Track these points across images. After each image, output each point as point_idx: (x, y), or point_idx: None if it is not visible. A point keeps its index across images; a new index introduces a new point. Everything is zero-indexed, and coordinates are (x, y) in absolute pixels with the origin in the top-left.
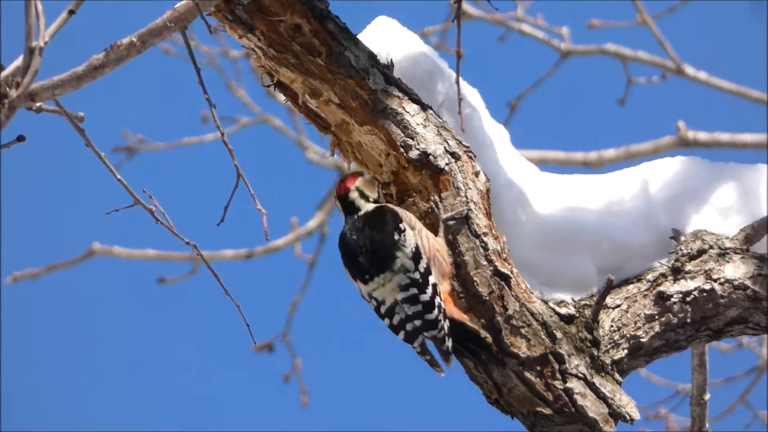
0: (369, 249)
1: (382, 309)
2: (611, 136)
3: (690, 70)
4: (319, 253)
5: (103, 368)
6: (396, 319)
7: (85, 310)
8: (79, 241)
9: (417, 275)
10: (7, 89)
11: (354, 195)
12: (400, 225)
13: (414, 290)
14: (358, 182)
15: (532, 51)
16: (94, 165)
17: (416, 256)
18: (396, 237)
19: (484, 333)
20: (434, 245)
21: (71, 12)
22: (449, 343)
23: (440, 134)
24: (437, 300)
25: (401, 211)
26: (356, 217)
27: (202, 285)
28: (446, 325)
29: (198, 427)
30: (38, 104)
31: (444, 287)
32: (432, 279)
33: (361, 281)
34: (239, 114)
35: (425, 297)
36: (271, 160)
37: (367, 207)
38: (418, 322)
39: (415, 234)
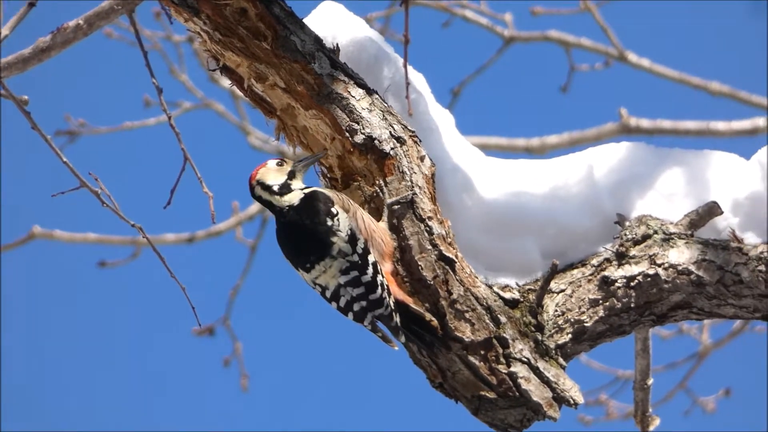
0: (305, 238)
1: (327, 294)
2: (554, 123)
3: (633, 57)
4: (260, 237)
5: (42, 352)
6: (342, 302)
7: (24, 293)
8: (19, 225)
9: (356, 257)
10: None
11: (258, 190)
12: (332, 209)
13: (355, 272)
14: (259, 175)
15: (475, 37)
16: (34, 148)
17: (352, 238)
18: (330, 222)
19: (429, 316)
20: (371, 225)
21: (31, 5)
22: (397, 318)
23: (385, 119)
24: (379, 278)
25: (332, 194)
26: (286, 209)
27: (143, 269)
28: (391, 301)
29: (138, 409)
30: None
31: (386, 267)
32: (371, 258)
33: (303, 270)
34: (182, 99)
35: (366, 278)
36: (213, 145)
37: (292, 198)
38: (363, 303)
39: (349, 216)
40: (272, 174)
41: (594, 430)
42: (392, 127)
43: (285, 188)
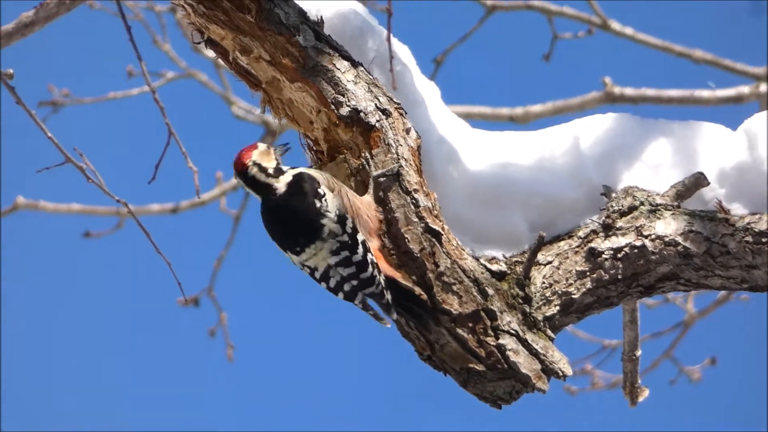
0: (294, 222)
1: (317, 275)
2: (538, 92)
3: (616, 25)
4: (244, 208)
5: (27, 323)
6: (332, 282)
7: (9, 264)
8: (3, 196)
9: (345, 237)
10: None
11: (254, 170)
12: (319, 190)
13: (345, 252)
14: (255, 156)
15: (457, 6)
16: (17, 119)
17: (341, 218)
18: (318, 204)
19: (418, 290)
20: (356, 203)
21: None
22: (388, 296)
23: (371, 91)
24: (369, 257)
25: (317, 174)
26: (273, 192)
27: (128, 239)
28: (382, 279)
29: (123, 381)
30: None
31: (373, 244)
32: (360, 237)
33: (292, 253)
34: (165, 69)
35: (357, 257)
36: (196, 115)
37: (280, 180)
38: (354, 282)
39: (335, 195)
40: (266, 156)
41: (580, 400)
42: (378, 99)
43: (278, 170)
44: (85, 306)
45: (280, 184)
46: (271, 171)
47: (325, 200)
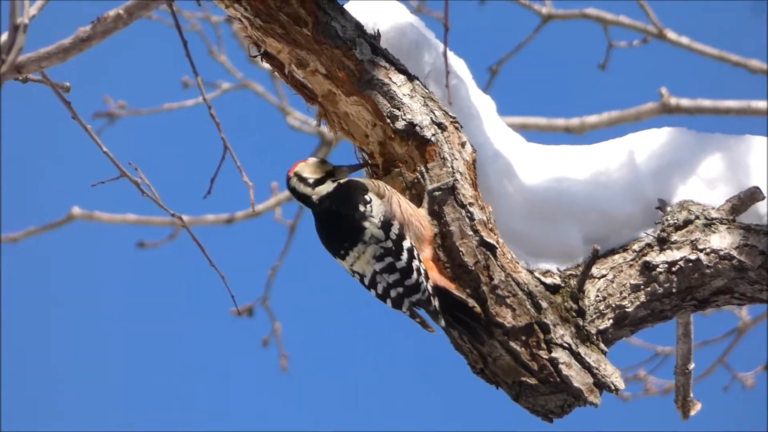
0: (338, 225)
1: (366, 281)
2: (593, 102)
3: (672, 34)
4: (299, 218)
5: (82, 333)
6: (380, 289)
7: (64, 274)
8: (60, 206)
9: (389, 243)
10: None
11: (294, 182)
12: (365, 196)
13: (389, 259)
14: (298, 167)
15: (512, 15)
16: (74, 130)
17: (386, 224)
18: (362, 209)
19: (472, 302)
20: (408, 210)
21: None
22: (436, 302)
23: (426, 105)
24: (415, 263)
25: (368, 182)
26: (319, 200)
27: (182, 249)
28: (429, 286)
29: (177, 391)
30: (24, 75)
31: (426, 253)
32: (406, 244)
33: (339, 258)
34: (220, 79)
35: (401, 263)
36: (252, 126)
37: (325, 188)
38: (400, 289)
39: (384, 202)
40: (310, 168)
41: (633, 406)
42: (433, 113)
43: (319, 182)
44: (140, 316)
45: (322, 193)
46: (311, 181)
47: (370, 206)
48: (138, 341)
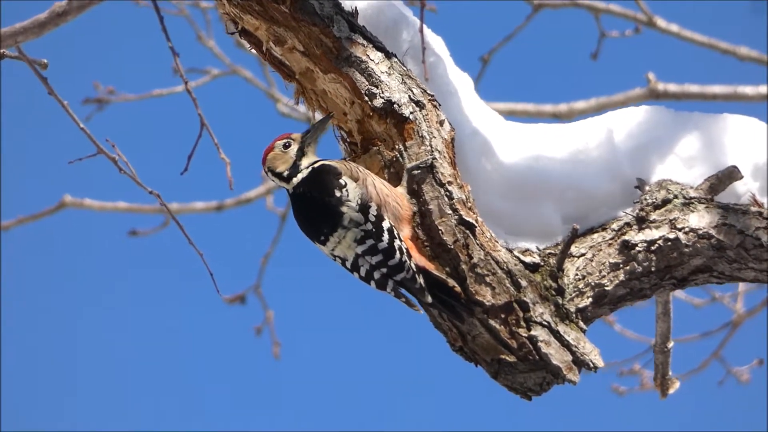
0: (316, 211)
1: (348, 264)
2: (583, 89)
3: (661, 22)
4: (290, 206)
5: (74, 320)
6: (362, 271)
7: (55, 262)
8: (51, 194)
9: (369, 226)
10: None
11: (269, 176)
12: (340, 180)
13: (370, 241)
14: (268, 163)
15: (504, 4)
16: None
17: (363, 207)
18: (338, 194)
19: (451, 282)
20: (384, 190)
21: None
22: (421, 279)
23: (405, 83)
24: (396, 243)
25: (340, 165)
26: (294, 185)
27: (174, 238)
28: (412, 264)
29: (170, 379)
30: (1, 51)
31: (405, 232)
32: (386, 224)
33: (319, 243)
34: (210, 65)
35: (383, 244)
36: (241, 112)
37: (300, 176)
38: (384, 270)
39: (359, 185)
40: (280, 159)
41: (628, 401)
42: (411, 91)
43: (294, 170)
44: (131, 304)
45: (297, 180)
46: (285, 174)
47: (346, 190)
48: (130, 329)
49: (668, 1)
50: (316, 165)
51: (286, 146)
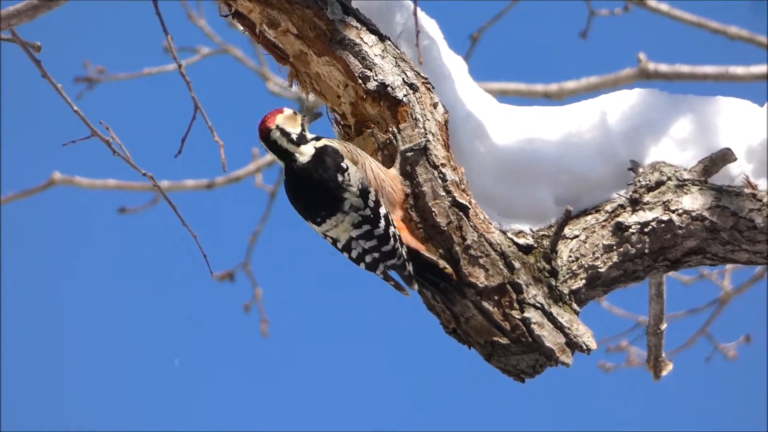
0: (317, 193)
1: (339, 245)
2: (573, 68)
3: (652, 1)
4: (279, 183)
5: (63, 297)
6: (354, 253)
7: (45, 240)
8: (41, 172)
9: (368, 211)
10: None
11: (276, 134)
12: (342, 164)
13: (367, 226)
14: (279, 120)
15: None
16: (57, 96)
17: (363, 192)
18: (340, 178)
19: (443, 263)
20: (380, 175)
21: None
22: (410, 267)
23: (398, 65)
24: (391, 230)
25: (340, 146)
26: (296, 163)
27: (164, 215)
28: (404, 251)
29: (158, 356)
30: None
31: (397, 215)
32: (383, 210)
33: (313, 223)
34: (200, 44)
35: (379, 231)
36: (232, 91)
37: (303, 150)
38: (376, 254)
39: (358, 168)
40: (291, 121)
41: (614, 377)
42: (405, 73)
43: (302, 138)
44: (122, 281)
45: (303, 155)
46: (294, 137)
47: (348, 174)
48: (119, 307)
49: None
50: (318, 144)
51: (296, 114)
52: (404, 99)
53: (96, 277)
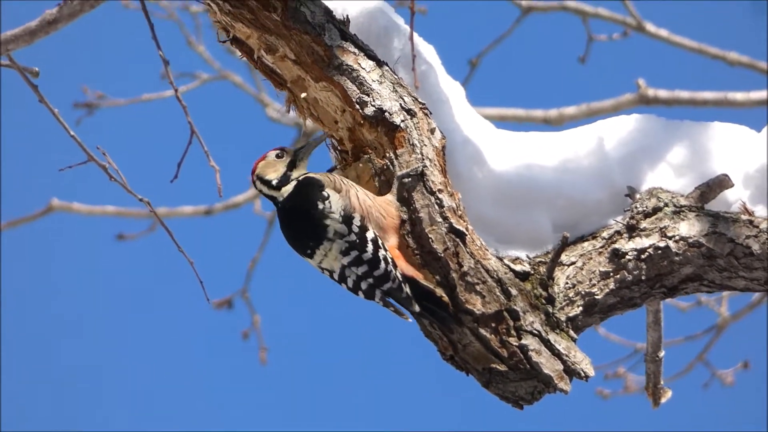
0: (301, 225)
1: (335, 276)
2: (572, 94)
3: (651, 27)
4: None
5: (61, 324)
6: (350, 282)
7: (43, 266)
8: (39, 198)
9: (353, 237)
10: None
11: (258, 185)
12: (323, 193)
13: (355, 252)
14: (258, 170)
15: (492, 7)
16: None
17: (347, 218)
18: (321, 206)
19: (439, 291)
20: (366, 201)
21: None
22: (407, 289)
23: (396, 91)
24: (381, 253)
25: (323, 177)
26: (280, 201)
27: (162, 242)
28: (398, 274)
29: (156, 383)
30: None
31: (391, 241)
32: (370, 234)
33: (306, 257)
34: (199, 70)
35: (367, 255)
36: (231, 117)
37: (288, 188)
38: (370, 280)
39: (341, 196)
40: (271, 167)
41: (613, 404)
42: (403, 99)
43: (284, 180)
44: (119, 308)
45: (284, 193)
46: (275, 182)
47: (329, 202)
48: (117, 333)
49: (659, 1)
50: (300, 178)
51: (279, 156)
52: (402, 124)
53: (94, 303)
